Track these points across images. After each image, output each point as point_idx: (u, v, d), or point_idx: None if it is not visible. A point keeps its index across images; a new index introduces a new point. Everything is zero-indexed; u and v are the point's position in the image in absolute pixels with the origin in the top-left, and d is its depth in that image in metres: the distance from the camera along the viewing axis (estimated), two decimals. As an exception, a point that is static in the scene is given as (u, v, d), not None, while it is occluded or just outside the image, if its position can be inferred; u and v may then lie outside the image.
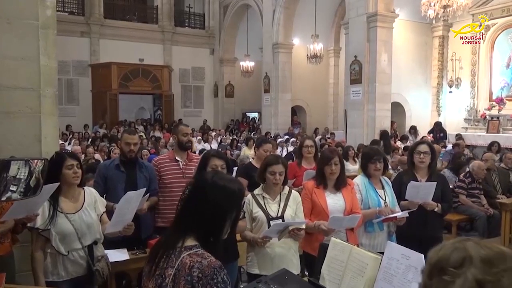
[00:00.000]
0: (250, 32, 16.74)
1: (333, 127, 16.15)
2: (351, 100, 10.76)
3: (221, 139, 12.92)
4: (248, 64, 16.99)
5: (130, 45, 16.61)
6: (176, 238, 1.44)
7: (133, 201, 2.68)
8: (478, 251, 0.89)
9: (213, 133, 14.09)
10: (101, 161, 6.43)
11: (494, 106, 11.78)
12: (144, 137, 11.44)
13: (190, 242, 1.42)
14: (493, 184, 6.13)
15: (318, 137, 12.51)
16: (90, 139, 11.61)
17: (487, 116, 11.83)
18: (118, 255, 2.99)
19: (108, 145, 9.10)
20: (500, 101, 11.54)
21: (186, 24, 19.06)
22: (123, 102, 16.34)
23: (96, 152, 8.44)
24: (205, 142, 12.42)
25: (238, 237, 2.88)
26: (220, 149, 9.98)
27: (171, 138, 10.39)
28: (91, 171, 4.31)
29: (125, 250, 3.09)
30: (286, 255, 2.81)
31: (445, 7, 8.66)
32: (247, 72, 17.09)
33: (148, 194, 3.22)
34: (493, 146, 8.09)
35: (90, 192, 2.75)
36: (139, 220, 3.12)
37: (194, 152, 6.53)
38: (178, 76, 18.30)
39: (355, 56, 10.49)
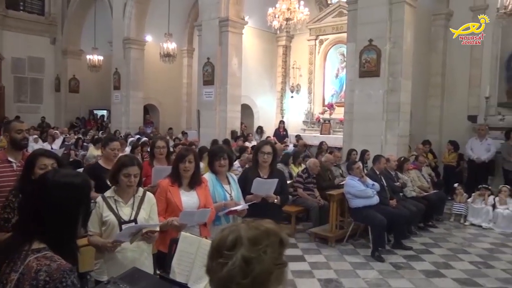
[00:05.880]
0: (98, 24, 15.65)
1: (187, 126, 16.27)
2: (204, 100, 11.04)
3: (64, 138, 11.78)
4: (96, 58, 15.93)
5: None
6: (20, 242, 1.33)
7: None
8: (247, 232, 0.99)
9: (54, 132, 12.72)
10: None
11: (326, 111, 13.53)
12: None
13: (37, 245, 1.33)
14: (328, 178, 7.09)
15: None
16: None
17: (321, 119, 13.51)
18: None
19: None
20: (331, 107, 13.33)
21: (21, 8, 16.87)
22: None
23: None
24: (44, 141, 11.15)
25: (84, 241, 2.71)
26: (63, 149, 9.13)
27: (1, 137, 9.05)
28: None
29: None
30: (139, 259, 2.71)
31: (287, 19, 9.66)
32: (95, 67, 16.01)
33: None
34: (323, 145, 9.39)
35: None
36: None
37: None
38: (10, 66, 16.07)
39: (208, 58, 10.79)
